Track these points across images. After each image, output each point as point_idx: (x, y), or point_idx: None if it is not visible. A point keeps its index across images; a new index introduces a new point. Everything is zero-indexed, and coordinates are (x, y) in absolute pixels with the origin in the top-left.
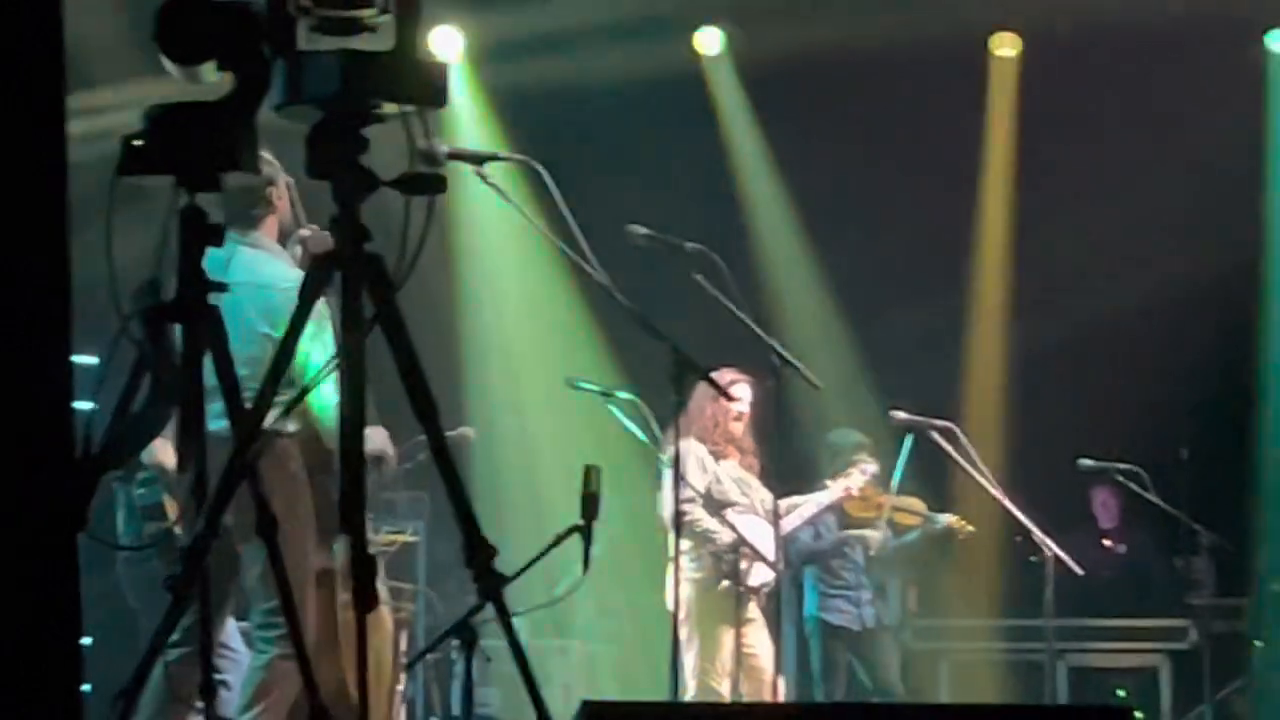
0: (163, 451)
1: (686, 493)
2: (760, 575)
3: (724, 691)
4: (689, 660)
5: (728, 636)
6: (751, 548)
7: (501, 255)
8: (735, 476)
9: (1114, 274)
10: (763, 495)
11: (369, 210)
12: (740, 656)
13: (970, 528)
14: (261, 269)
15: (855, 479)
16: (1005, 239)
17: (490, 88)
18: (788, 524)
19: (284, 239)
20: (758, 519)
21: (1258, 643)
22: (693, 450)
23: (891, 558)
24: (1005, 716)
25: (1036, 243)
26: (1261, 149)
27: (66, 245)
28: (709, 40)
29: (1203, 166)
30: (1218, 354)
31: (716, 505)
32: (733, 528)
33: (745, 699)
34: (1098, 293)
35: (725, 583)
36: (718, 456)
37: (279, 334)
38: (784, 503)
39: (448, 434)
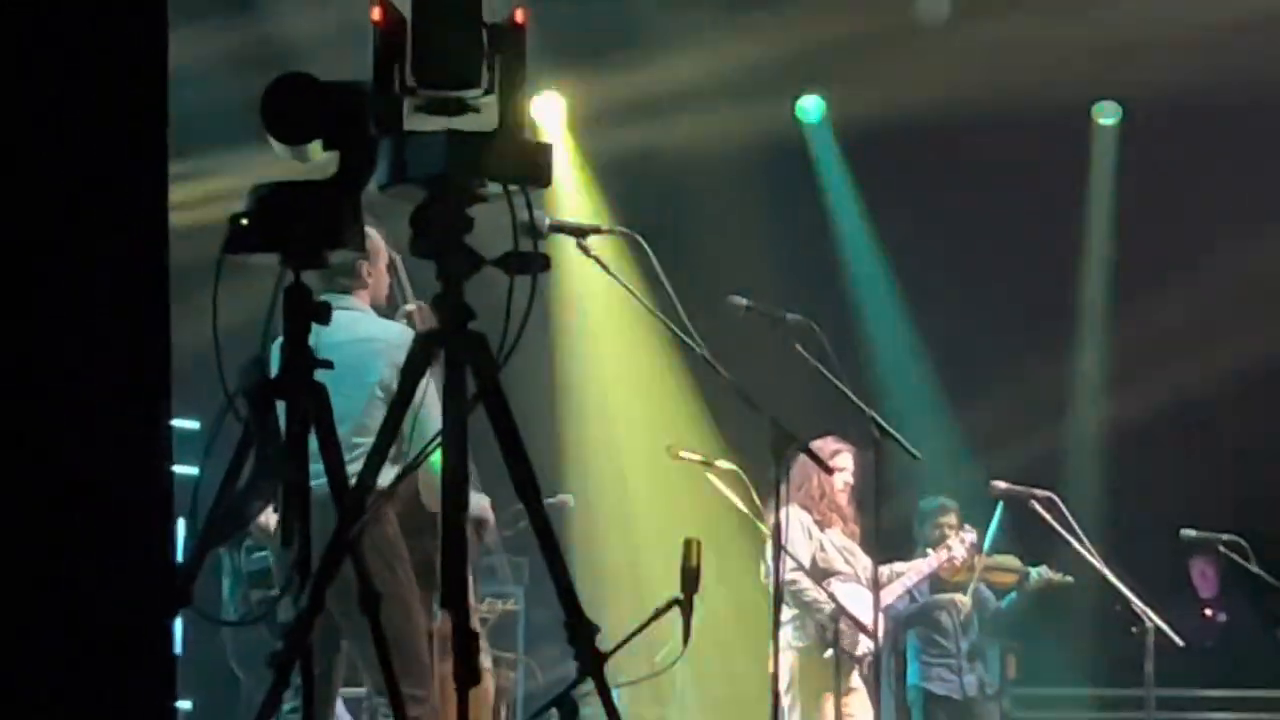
0: (271, 518)
1: (791, 561)
2: (864, 644)
3: None
4: None
5: (829, 705)
6: (853, 618)
7: (603, 325)
8: (840, 545)
9: (1216, 342)
10: (865, 563)
11: (472, 286)
12: None
13: (1069, 578)
14: (361, 326)
15: (956, 548)
16: (1106, 307)
17: (592, 154)
18: (890, 593)
19: (380, 315)
20: (861, 587)
21: None
22: (797, 518)
23: (993, 624)
24: None
25: (1137, 311)
26: None
27: (167, 310)
28: (810, 106)
29: None
30: None
31: (821, 573)
32: (833, 597)
33: None
34: (1199, 362)
35: (829, 651)
36: (822, 525)
37: (389, 380)
38: (885, 569)
39: (547, 501)
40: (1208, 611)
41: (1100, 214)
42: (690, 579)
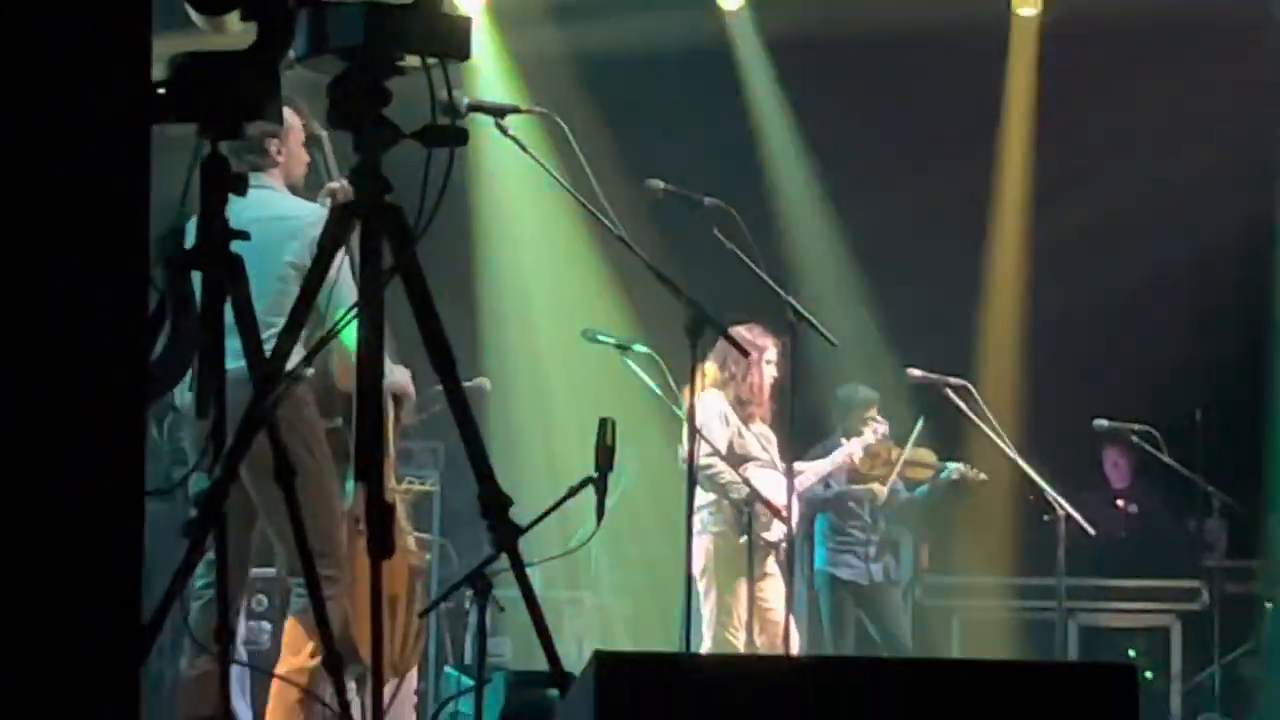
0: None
1: (708, 446)
2: (778, 530)
3: (739, 644)
4: (706, 613)
5: (744, 590)
6: (767, 501)
7: (520, 208)
8: (758, 432)
9: (1132, 237)
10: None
11: (389, 162)
12: (756, 610)
13: (983, 476)
14: (273, 204)
15: (867, 438)
16: (1024, 202)
17: (511, 45)
18: (803, 481)
19: (299, 188)
20: (777, 474)
21: (1269, 605)
22: (715, 404)
23: (905, 512)
24: (1013, 673)
25: (1054, 206)
26: None
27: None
28: None
29: (1222, 129)
30: (1234, 316)
31: (737, 459)
32: (748, 483)
33: (760, 651)
34: (1115, 256)
35: (743, 537)
36: (745, 414)
37: (301, 260)
38: (799, 465)
39: (464, 384)
40: (1120, 501)
41: (1019, 108)
42: (605, 457)
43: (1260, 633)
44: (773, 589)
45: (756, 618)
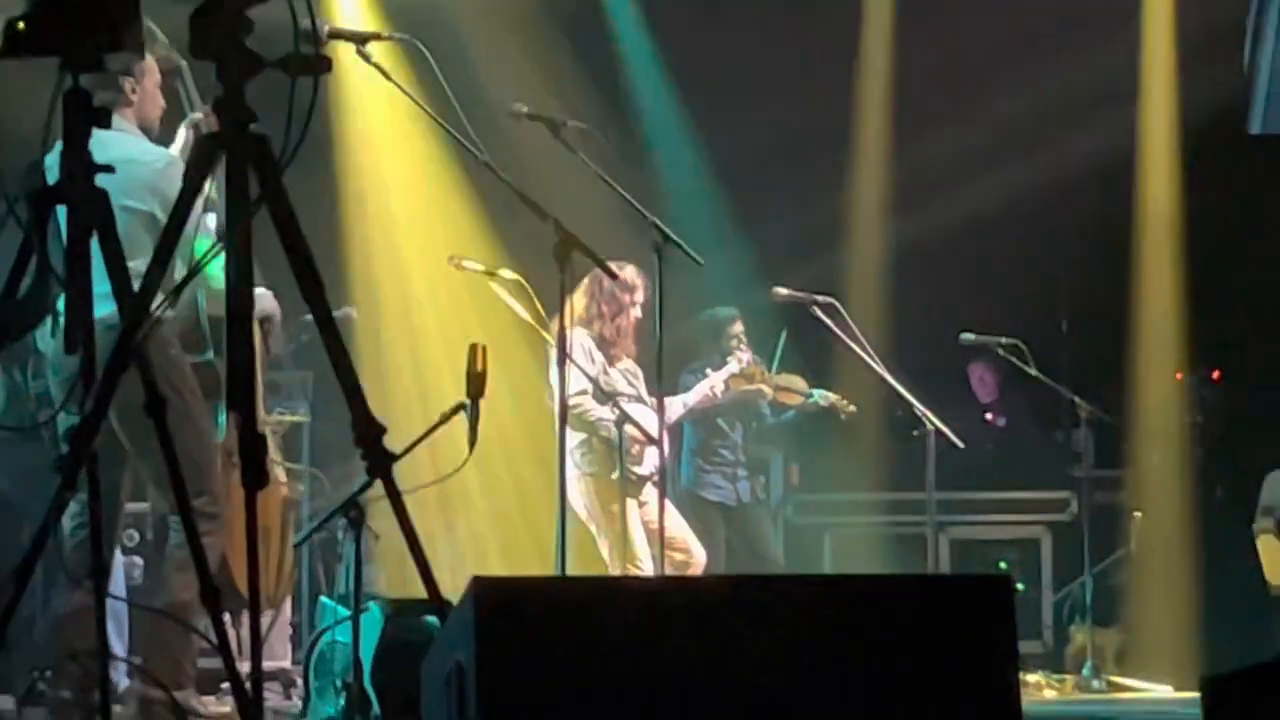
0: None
1: (575, 385)
2: (649, 463)
3: (647, 573)
4: (605, 554)
5: (633, 520)
6: (640, 427)
7: (385, 136)
8: (624, 369)
9: (996, 158)
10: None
11: (253, 91)
12: (652, 537)
13: (851, 407)
14: (126, 145)
15: (731, 367)
16: (888, 125)
17: None
18: (673, 411)
19: (153, 130)
20: (645, 409)
21: (1137, 514)
22: (579, 341)
23: (773, 433)
24: (885, 586)
25: (919, 128)
26: (1139, 34)
27: None
28: None
29: (1081, 51)
30: (1097, 232)
31: (604, 397)
32: (621, 411)
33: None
34: (979, 177)
35: (615, 473)
36: (611, 353)
37: (146, 208)
38: (667, 400)
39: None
40: (988, 415)
41: (880, 33)
42: (476, 383)
43: (1130, 541)
44: (654, 516)
45: (654, 544)
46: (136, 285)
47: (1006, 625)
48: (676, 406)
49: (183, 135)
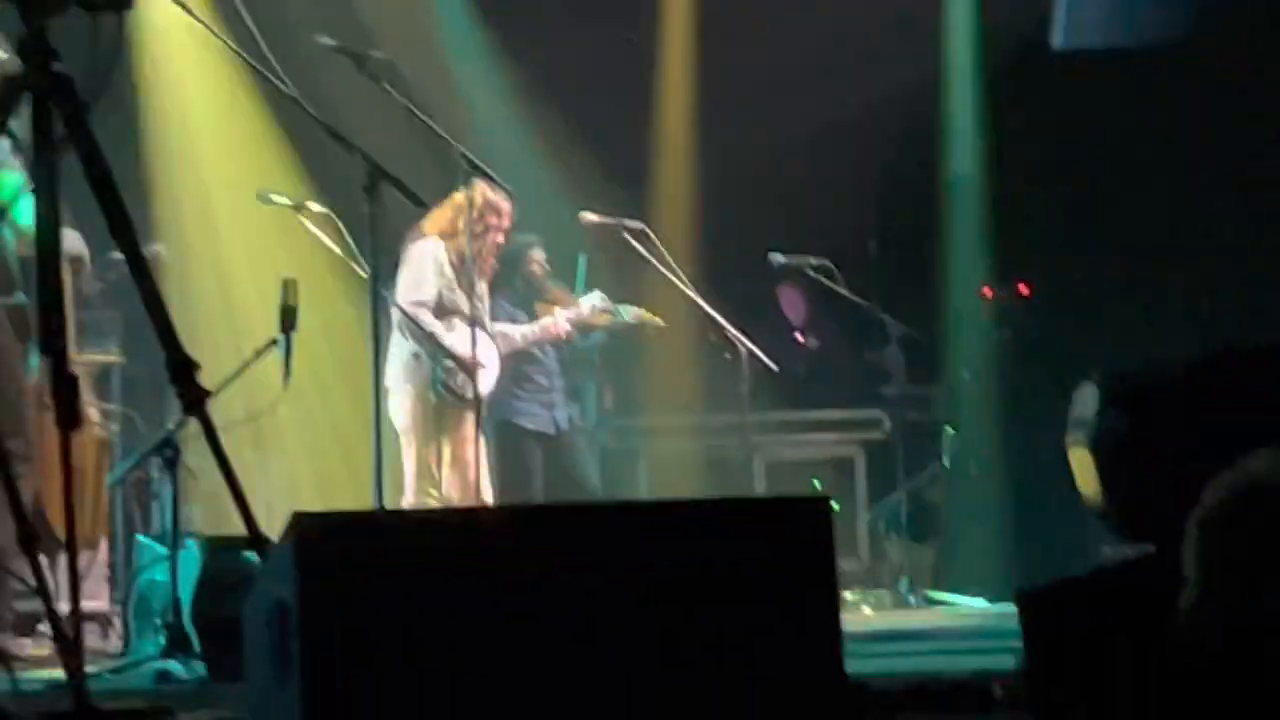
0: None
1: (413, 294)
2: (480, 386)
3: (435, 504)
4: (407, 469)
5: (444, 449)
6: (458, 359)
7: (188, 69)
8: (477, 292)
9: (802, 80)
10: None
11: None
12: (457, 467)
13: (660, 321)
14: None
15: (584, 309)
16: (692, 49)
17: None
18: (506, 344)
19: None
20: (482, 334)
21: (949, 430)
22: (433, 250)
23: (586, 357)
24: (704, 511)
25: (724, 52)
26: None
27: None
28: None
29: None
30: (904, 150)
31: (445, 312)
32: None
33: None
34: (785, 99)
35: (434, 395)
36: (473, 270)
37: None
38: (503, 327)
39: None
40: (799, 336)
41: None
42: (289, 317)
43: (942, 456)
44: (470, 447)
45: (457, 474)
46: None
47: (825, 546)
48: (514, 338)
49: None
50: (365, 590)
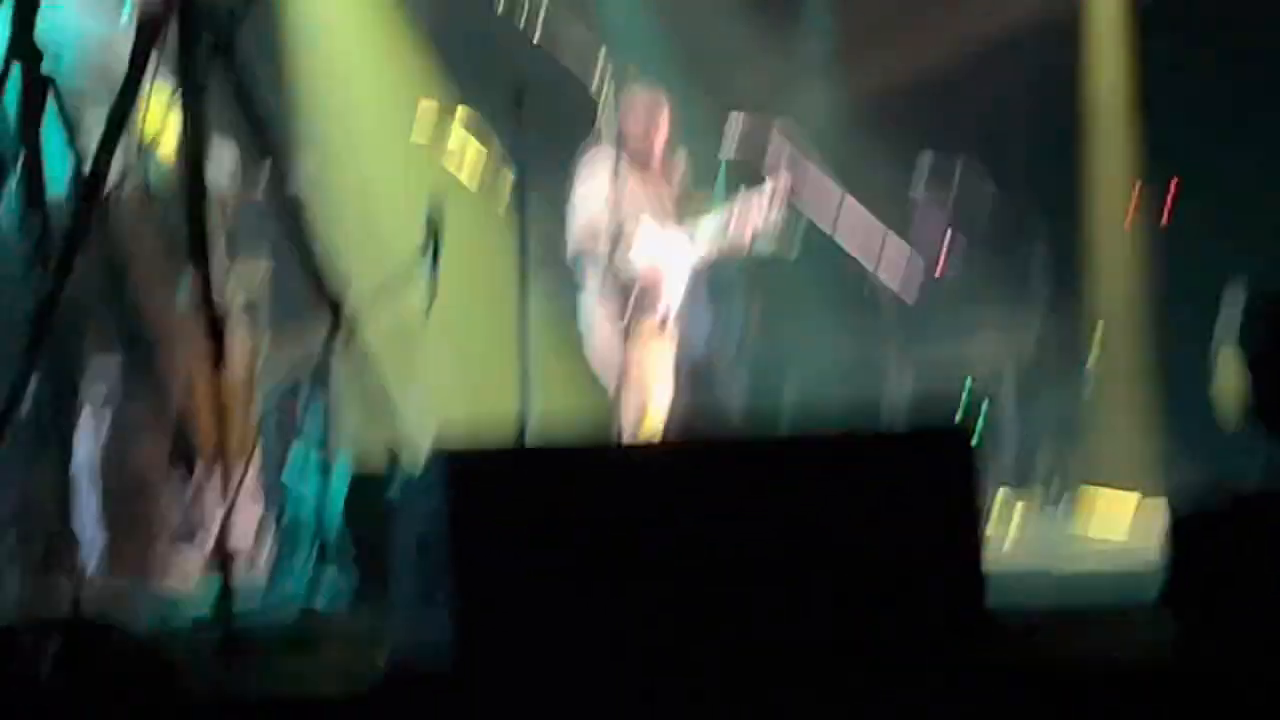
0: None
1: (587, 226)
2: (665, 304)
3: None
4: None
5: (646, 365)
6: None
7: None
8: (649, 194)
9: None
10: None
11: None
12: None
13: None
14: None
15: (766, 189)
16: None
17: None
18: (697, 250)
19: None
20: (665, 240)
21: (1099, 325)
22: (604, 158)
23: (731, 280)
24: (850, 443)
25: None
26: None
27: None
28: None
29: None
30: (1049, 61)
31: (624, 215)
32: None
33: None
34: (931, 18)
35: (629, 316)
36: (643, 173)
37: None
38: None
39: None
40: (946, 238)
41: None
42: (435, 235)
43: (1091, 353)
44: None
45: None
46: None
47: (969, 477)
48: (700, 244)
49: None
50: (510, 520)
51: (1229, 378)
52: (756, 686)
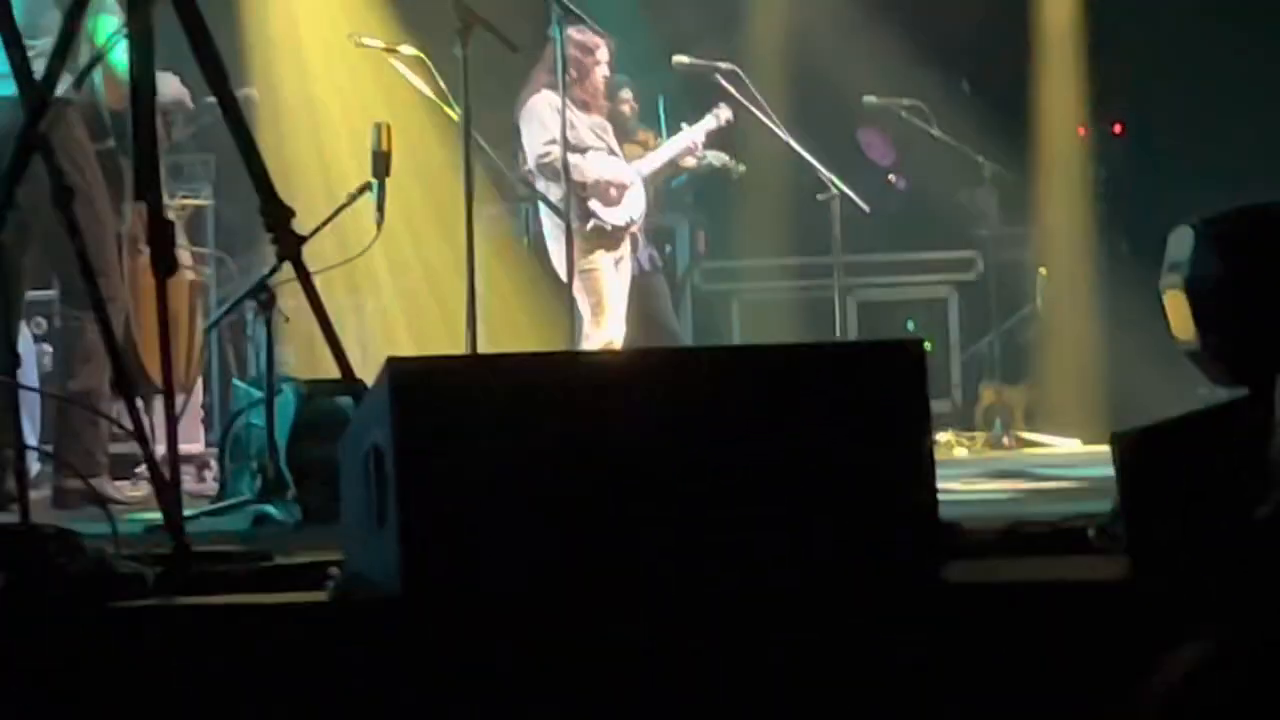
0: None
1: (541, 138)
2: (625, 213)
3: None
4: (582, 307)
5: (604, 275)
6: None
7: None
8: (593, 123)
9: None
10: (615, 144)
11: None
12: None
13: (741, 167)
14: None
15: (709, 123)
16: None
17: None
18: (644, 165)
19: None
20: (617, 159)
21: (1042, 270)
22: (546, 100)
23: (679, 199)
24: (797, 356)
25: None
26: None
27: None
28: None
29: None
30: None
31: (572, 149)
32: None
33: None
34: None
35: (590, 222)
36: (583, 108)
37: None
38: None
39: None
40: (890, 178)
41: None
42: (382, 162)
43: (1035, 297)
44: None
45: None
46: (39, 66)
47: (919, 389)
48: (652, 161)
49: None
50: (460, 434)
51: (1177, 323)
52: (714, 606)
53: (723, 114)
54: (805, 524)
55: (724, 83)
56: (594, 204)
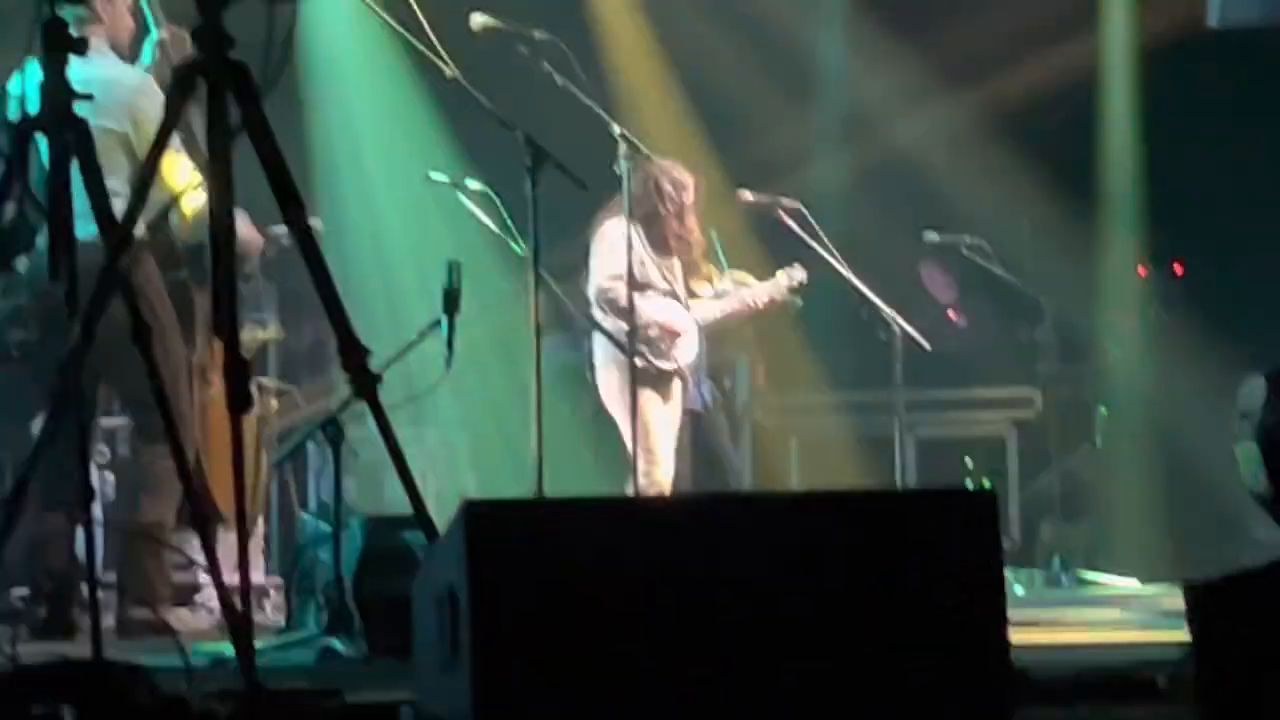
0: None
1: (609, 270)
2: (680, 358)
3: (665, 482)
4: (627, 443)
5: (650, 415)
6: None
7: (348, 50)
8: (661, 263)
9: (960, 74)
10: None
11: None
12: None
13: (798, 301)
14: (101, 67)
15: (780, 281)
16: (847, 47)
17: None
18: (705, 314)
19: (123, 50)
20: (676, 304)
21: (1102, 409)
22: (619, 229)
23: (738, 333)
24: (868, 502)
25: (882, 44)
26: None
27: None
28: None
29: None
30: (1060, 136)
31: (636, 286)
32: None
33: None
34: (941, 91)
35: (640, 363)
36: (667, 249)
37: (122, 129)
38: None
39: None
40: (950, 314)
41: None
42: (452, 300)
43: (1095, 435)
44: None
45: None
46: (114, 203)
47: (991, 539)
48: (712, 309)
49: (149, 55)
50: (535, 577)
51: (1249, 472)
52: None
53: (796, 274)
54: (881, 672)
55: (786, 219)
56: (644, 346)
